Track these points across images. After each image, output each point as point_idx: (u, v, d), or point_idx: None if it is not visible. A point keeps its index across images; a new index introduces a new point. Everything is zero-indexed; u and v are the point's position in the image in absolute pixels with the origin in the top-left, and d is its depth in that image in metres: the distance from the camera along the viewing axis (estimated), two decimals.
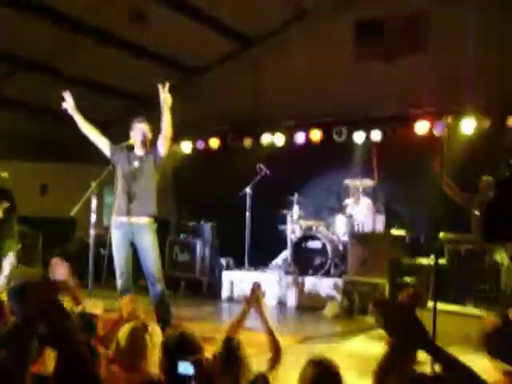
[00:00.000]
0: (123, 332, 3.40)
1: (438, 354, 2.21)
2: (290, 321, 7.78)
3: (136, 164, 6.42)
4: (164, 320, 6.15)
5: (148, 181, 6.46)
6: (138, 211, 6.34)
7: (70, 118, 7.00)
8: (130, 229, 6.32)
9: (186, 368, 2.39)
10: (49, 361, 2.85)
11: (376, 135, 9.56)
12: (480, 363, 2.50)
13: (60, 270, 4.26)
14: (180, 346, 2.86)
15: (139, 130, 6.43)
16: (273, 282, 9.02)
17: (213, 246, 10.14)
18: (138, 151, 6.50)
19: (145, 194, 6.41)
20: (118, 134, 7.30)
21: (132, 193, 6.37)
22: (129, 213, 6.32)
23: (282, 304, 8.83)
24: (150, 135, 6.49)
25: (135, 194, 6.37)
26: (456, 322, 6.25)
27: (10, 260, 7.37)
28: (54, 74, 10.40)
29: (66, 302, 4.12)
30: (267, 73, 10.46)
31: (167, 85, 6.15)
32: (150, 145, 6.52)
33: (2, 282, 6.54)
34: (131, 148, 6.52)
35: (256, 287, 3.97)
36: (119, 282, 6.34)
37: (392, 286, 8.00)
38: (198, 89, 11.26)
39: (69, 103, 6.61)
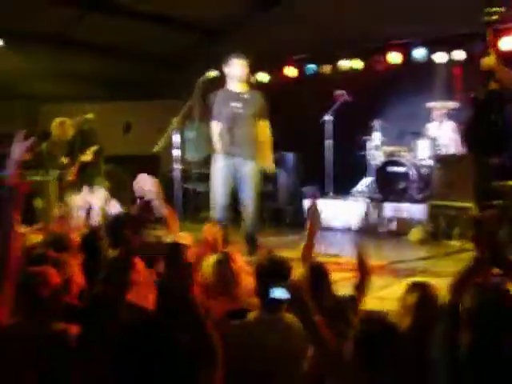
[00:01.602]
0: (209, 263, 3.50)
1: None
2: (375, 246, 7.78)
3: (238, 104, 6.40)
4: (250, 247, 6.44)
5: (250, 121, 6.46)
6: (242, 155, 6.43)
7: (150, 58, 7.06)
8: (233, 161, 6.48)
9: (280, 292, 2.47)
10: (150, 294, 3.00)
11: (458, 54, 9.18)
12: None
13: (147, 183, 4.36)
14: (272, 271, 2.95)
15: (239, 67, 6.38)
16: (357, 209, 9.02)
17: (295, 175, 10.16)
18: (238, 88, 6.46)
19: (247, 135, 6.44)
20: (187, 66, 7.34)
21: (235, 134, 6.44)
22: (233, 156, 6.47)
23: (365, 230, 8.83)
24: (247, 71, 6.45)
25: (238, 135, 6.43)
26: None
27: (101, 193, 7.62)
28: (128, 13, 10.44)
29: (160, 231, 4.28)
30: None
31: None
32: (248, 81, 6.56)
33: (97, 213, 6.81)
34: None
35: (313, 206, 3.95)
36: (215, 212, 6.55)
37: (480, 210, 7.82)
38: (272, 18, 11.07)
39: None
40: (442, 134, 9.09)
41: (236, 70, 6.39)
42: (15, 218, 2.63)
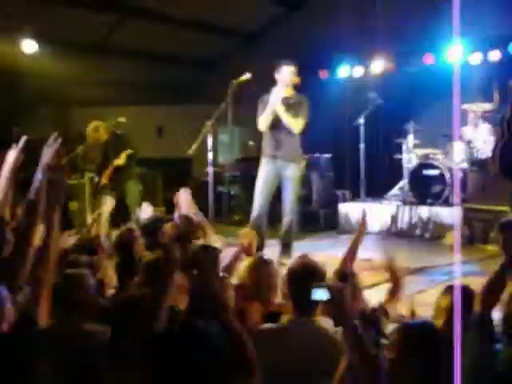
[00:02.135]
0: (245, 266, 3.51)
1: None
2: (409, 250, 7.70)
3: (283, 108, 6.52)
4: (285, 247, 6.62)
5: None
6: (284, 158, 6.59)
7: (182, 62, 7.11)
8: (276, 164, 6.65)
9: (320, 294, 2.46)
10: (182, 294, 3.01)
11: (494, 55, 9.04)
12: None
13: (185, 200, 4.47)
14: (305, 275, 2.94)
15: (286, 73, 6.51)
16: (390, 213, 8.93)
17: (328, 178, 10.11)
18: (285, 93, 6.60)
19: (289, 138, 6.54)
20: (225, 71, 7.34)
21: (277, 138, 6.60)
22: (276, 159, 6.62)
23: (399, 234, 8.74)
24: (295, 78, 6.60)
25: (280, 139, 6.60)
26: None
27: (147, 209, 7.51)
28: (161, 18, 10.53)
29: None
30: None
31: None
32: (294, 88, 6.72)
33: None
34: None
35: (364, 214, 3.99)
36: (253, 214, 6.67)
37: None
38: (303, 20, 11.05)
39: None
40: (477, 136, 8.96)
41: (283, 75, 6.53)
42: (54, 219, 2.66)
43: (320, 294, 2.45)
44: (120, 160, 7.89)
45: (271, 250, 6.42)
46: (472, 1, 8.33)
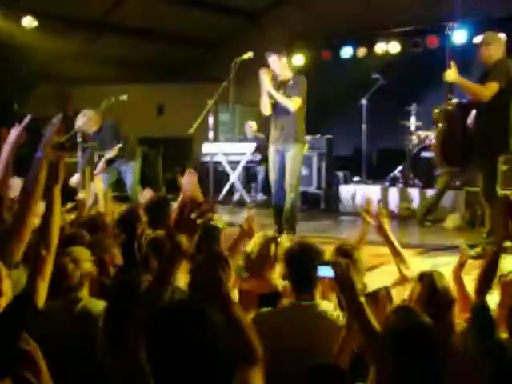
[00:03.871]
0: (254, 242, 3.51)
1: None
2: (410, 233, 7.67)
3: (280, 91, 6.57)
4: (288, 224, 6.59)
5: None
6: (285, 141, 6.64)
7: (183, 41, 7.04)
8: (278, 146, 6.72)
9: (326, 271, 2.46)
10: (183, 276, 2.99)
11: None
12: None
13: (190, 180, 4.48)
14: (302, 255, 2.94)
15: (271, 64, 6.57)
16: (391, 195, 8.88)
17: (329, 159, 10.02)
18: (282, 77, 6.62)
19: (289, 122, 6.60)
20: (230, 50, 7.27)
21: (278, 121, 6.67)
22: (277, 141, 6.68)
23: (400, 217, 8.70)
24: (282, 64, 6.59)
25: (281, 123, 6.65)
26: None
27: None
28: None
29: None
30: None
31: None
32: (289, 69, 6.73)
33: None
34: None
35: (368, 202, 3.97)
36: (273, 193, 6.87)
37: None
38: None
39: None
40: None
41: (271, 64, 6.55)
42: (56, 196, 2.61)
43: (325, 271, 2.44)
44: (111, 153, 7.78)
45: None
46: None
